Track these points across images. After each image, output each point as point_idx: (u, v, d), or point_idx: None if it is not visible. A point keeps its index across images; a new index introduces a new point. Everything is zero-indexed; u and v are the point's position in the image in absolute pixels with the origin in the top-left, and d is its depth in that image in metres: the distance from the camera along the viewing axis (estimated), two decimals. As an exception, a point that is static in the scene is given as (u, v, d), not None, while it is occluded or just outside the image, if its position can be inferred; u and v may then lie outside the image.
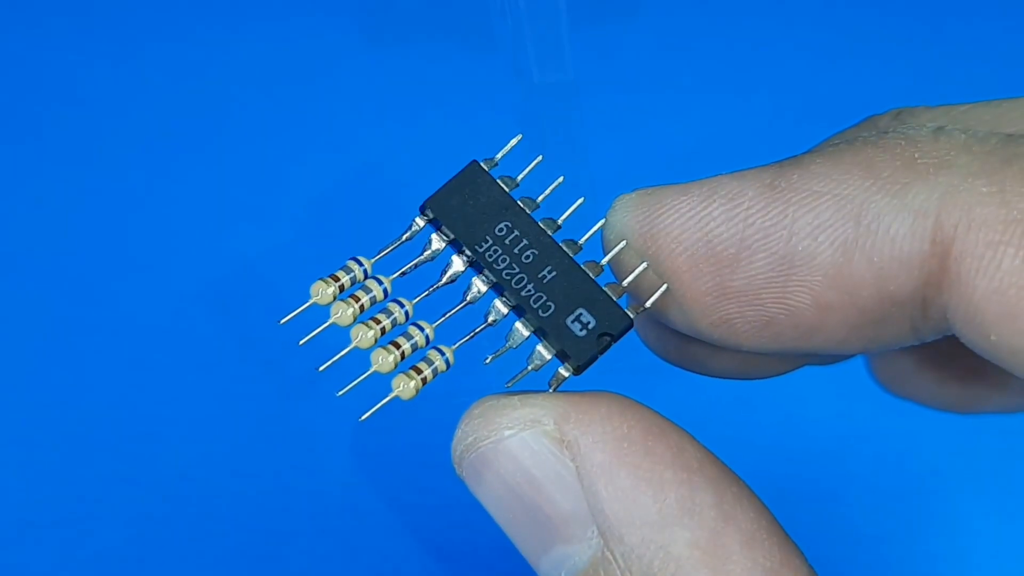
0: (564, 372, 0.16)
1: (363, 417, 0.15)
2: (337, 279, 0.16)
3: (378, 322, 0.16)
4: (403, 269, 0.16)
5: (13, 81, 0.42)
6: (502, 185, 0.16)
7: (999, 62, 0.44)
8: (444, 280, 0.16)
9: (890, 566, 0.37)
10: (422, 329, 0.16)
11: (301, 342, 0.15)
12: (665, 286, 0.16)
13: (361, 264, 0.16)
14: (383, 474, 0.37)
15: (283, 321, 0.16)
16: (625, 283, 0.16)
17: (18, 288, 0.39)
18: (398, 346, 0.16)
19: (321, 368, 0.15)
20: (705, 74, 0.44)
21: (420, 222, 0.16)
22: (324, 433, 0.37)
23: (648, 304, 0.16)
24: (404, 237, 0.16)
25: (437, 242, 0.16)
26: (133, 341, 0.38)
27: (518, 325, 0.16)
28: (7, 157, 0.40)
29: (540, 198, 0.17)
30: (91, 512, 0.36)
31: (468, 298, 0.16)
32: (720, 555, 0.13)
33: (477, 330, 0.16)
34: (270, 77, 0.42)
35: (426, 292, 0.16)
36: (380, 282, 0.16)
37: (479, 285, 0.16)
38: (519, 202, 0.16)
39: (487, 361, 0.16)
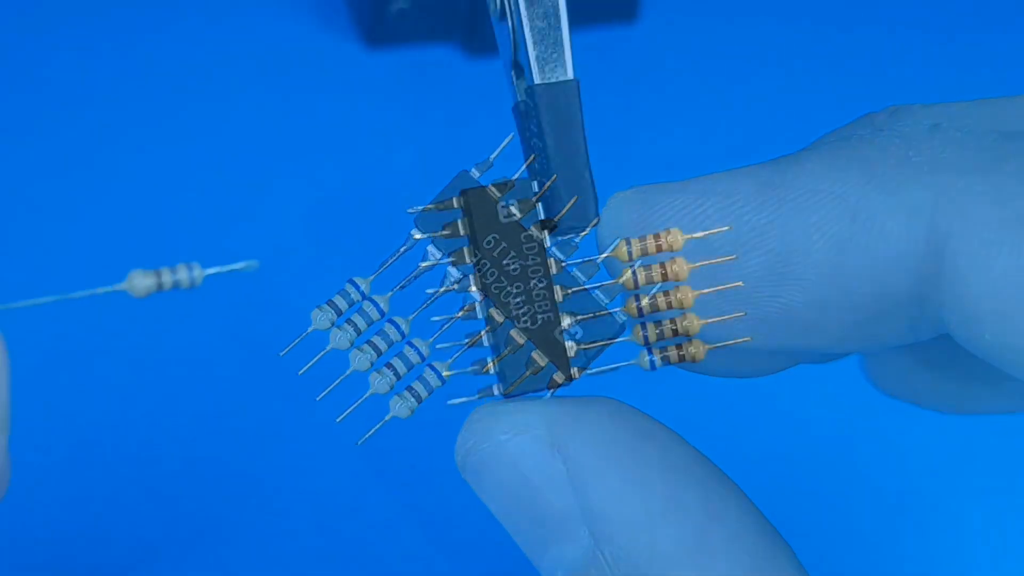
0: (558, 378, 0.16)
1: (360, 441, 0.16)
2: (334, 304, 0.16)
3: (374, 345, 0.16)
4: (402, 283, 0.16)
5: (13, 81, 0.42)
6: (491, 193, 0.16)
7: (999, 62, 0.44)
8: (442, 290, 0.17)
9: (890, 566, 0.37)
10: (417, 348, 0.16)
11: (300, 371, 0.16)
12: (660, 284, 0.16)
13: (358, 286, 0.16)
14: (389, 474, 0.37)
15: (283, 353, 0.16)
16: (620, 281, 0.16)
17: (16, 288, 0.39)
18: (393, 367, 0.16)
19: (319, 397, 0.16)
20: (705, 74, 0.44)
21: (417, 235, 0.16)
22: (326, 433, 0.37)
23: (643, 304, 0.16)
24: (402, 250, 0.17)
25: (434, 254, 0.16)
26: (132, 341, 0.38)
27: (513, 332, 0.16)
28: (6, 157, 0.40)
29: (535, 198, 0.17)
30: (93, 513, 0.36)
31: (465, 307, 0.16)
32: (706, 553, 0.14)
33: (475, 338, 0.16)
34: (269, 78, 0.42)
35: (424, 305, 0.17)
36: (376, 304, 0.16)
37: (475, 294, 0.16)
38: (511, 207, 0.16)
39: (486, 368, 0.16)
